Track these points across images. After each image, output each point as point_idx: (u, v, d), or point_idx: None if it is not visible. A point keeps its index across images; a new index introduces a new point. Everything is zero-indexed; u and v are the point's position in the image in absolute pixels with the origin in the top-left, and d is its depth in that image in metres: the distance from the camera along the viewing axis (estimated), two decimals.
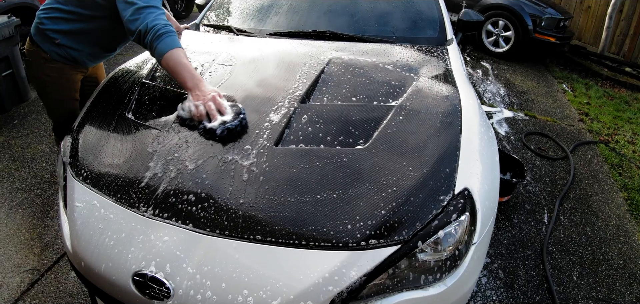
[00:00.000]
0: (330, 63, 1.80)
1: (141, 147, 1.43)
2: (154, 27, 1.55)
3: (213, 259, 1.11)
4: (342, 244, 1.07)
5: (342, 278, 1.04)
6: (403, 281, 1.10)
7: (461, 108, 1.52)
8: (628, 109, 4.79)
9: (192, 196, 1.22)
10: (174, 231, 1.17)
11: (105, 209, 1.28)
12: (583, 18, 7.12)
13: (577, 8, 7.18)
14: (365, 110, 1.49)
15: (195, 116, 1.45)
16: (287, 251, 1.09)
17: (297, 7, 2.42)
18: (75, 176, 1.41)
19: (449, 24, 2.35)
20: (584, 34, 7.12)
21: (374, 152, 1.30)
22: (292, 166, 1.27)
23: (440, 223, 1.13)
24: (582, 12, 7.10)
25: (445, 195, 1.18)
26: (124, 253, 1.17)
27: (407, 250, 1.09)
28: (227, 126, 1.40)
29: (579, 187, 2.98)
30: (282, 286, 1.04)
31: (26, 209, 2.43)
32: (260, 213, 1.15)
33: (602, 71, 5.98)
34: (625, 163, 3.44)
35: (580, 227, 2.53)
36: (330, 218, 1.12)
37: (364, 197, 1.16)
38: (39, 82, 1.90)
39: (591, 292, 2.04)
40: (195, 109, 1.45)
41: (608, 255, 2.31)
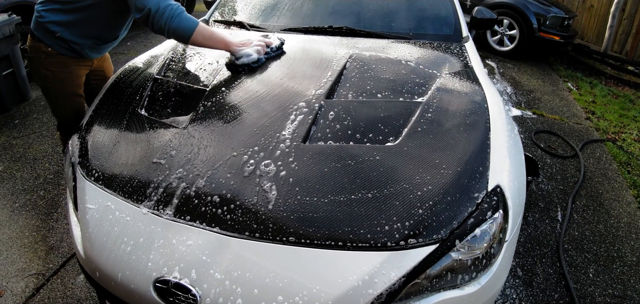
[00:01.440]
0: (352, 59, 1.81)
1: (157, 145, 1.41)
2: (167, 8, 1.58)
3: (243, 264, 1.06)
4: (381, 244, 1.06)
5: (382, 280, 1.02)
6: (441, 281, 1.09)
7: (487, 105, 1.54)
8: (633, 108, 4.87)
9: (216, 197, 1.19)
10: (199, 235, 1.13)
11: (121, 211, 1.24)
12: (585, 17, 7.22)
13: (579, 7, 7.28)
14: (392, 106, 1.50)
15: (263, 51, 1.82)
16: (323, 253, 1.06)
17: (311, 3, 2.45)
18: (86, 176, 1.38)
19: (464, 22, 2.39)
20: (586, 32, 7.23)
21: (406, 149, 1.30)
22: (323, 164, 1.25)
23: (476, 221, 1.13)
24: (585, 11, 7.20)
25: (479, 192, 1.19)
26: (143, 258, 1.12)
27: (445, 249, 1.08)
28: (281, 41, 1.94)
29: (589, 185, 3.04)
30: (320, 291, 1.01)
31: (29, 211, 2.42)
32: (293, 214, 1.12)
33: (605, 70, 6.08)
34: (633, 161, 3.51)
35: (593, 225, 2.59)
36: (367, 218, 1.10)
37: (400, 196, 1.15)
38: (42, 78, 1.88)
39: (607, 289, 2.09)
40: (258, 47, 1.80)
41: (621, 252, 2.37)
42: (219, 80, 1.72)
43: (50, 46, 1.78)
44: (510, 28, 6.07)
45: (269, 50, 1.85)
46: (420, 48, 2.03)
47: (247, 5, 2.56)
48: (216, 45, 1.75)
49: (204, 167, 1.29)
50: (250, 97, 1.58)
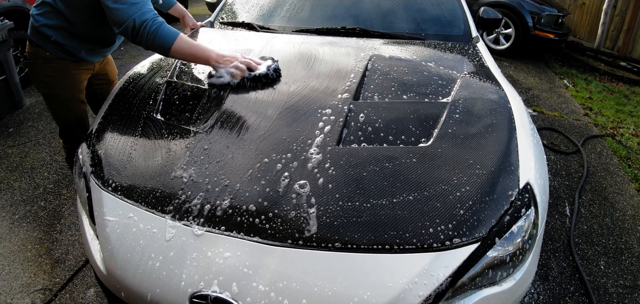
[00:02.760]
0: (372, 60, 1.84)
1: (180, 151, 1.38)
2: (142, 23, 1.56)
3: (289, 274, 1.04)
4: (427, 246, 1.07)
5: (431, 281, 1.03)
6: (482, 280, 1.12)
7: (510, 105, 1.60)
8: (628, 103, 5.03)
9: (252, 205, 1.17)
10: (237, 245, 1.10)
11: (145, 223, 1.20)
12: (578, 14, 7.43)
13: (571, 5, 7.49)
14: (420, 107, 1.53)
15: (238, 75, 1.67)
16: (370, 257, 1.06)
17: (323, 4, 2.49)
18: (102, 186, 1.33)
19: (472, 22, 2.47)
20: (579, 30, 7.44)
21: (440, 151, 1.33)
22: (360, 167, 1.26)
23: (512, 218, 1.18)
24: (577, 8, 7.41)
25: (513, 190, 1.24)
26: (175, 274, 1.09)
27: (485, 247, 1.12)
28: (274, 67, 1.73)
29: (593, 180, 3.14)
30: (371, 297, 1.00)
31: (30, 223, 2.38)
32: (336, 220, 1.12)
33: (599, 66, 6.27)
34: (632, 155, 3.63)
35: (600, 218, 2.68)
36: (411, 221, 1.12)
37: (440, 198, 1.18)
38: (42, 84, 1.87)
39: (619, 280, 2.17)
40: (235, 70, 1.67)
41: (629, 244, 2.46)
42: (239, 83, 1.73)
43: (48, 51, 1.78)
44: (505, 27, 6.22)
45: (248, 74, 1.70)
46: (434, 49, 2.09)
47: (254, 6, 2.58)
48: (196, 59, 1.70)
49: (235, 175, 1.26)
50: (274, 100, 1.58)
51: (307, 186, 1.21)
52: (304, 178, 1.24)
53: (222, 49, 1.77)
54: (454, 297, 1.09)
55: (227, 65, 1.69)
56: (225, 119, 1.50)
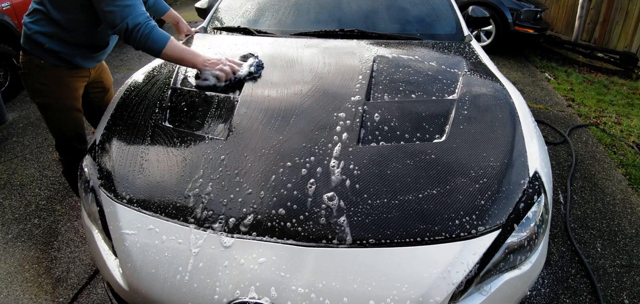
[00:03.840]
0: (377, 61, 1.91)
1: (197, 159, 1.39)
2: (136, 26, 1.64)
3: (327, 274, 1.07)
4: (455, 235, 1.14)
5: (462, 268, 1.10)
6: (504, 265, 1.20)
7: (512, 99, 1.70)
8: (608, 93, 5.26)
9: (282, 209, 1.20)
10: (271, 250, 1.12)
11: (168, 234, 1.19)
12: (554, 9, 7.73)
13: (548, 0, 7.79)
14: (430, 105, 1.62)
15: (223, 77, 1.77)
16: (404, 251, 1.11)
17: (318, 7, 2.56)
18: (115, 199, 1.32)
19: (463, 21, 2.58)
20: (556, 24, 7.73)
21: (455, 146, 1.41)
22: (383, 165, 1.32)
23: (526, 205, 1.27)
24: (554, 3, 7.71)
25: (524, 179, 1.34)
26: (208, 284, 1.09)
27: (506, 234, 1.20)
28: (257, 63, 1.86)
29: (582, 168, 3.29)
30: (408, 289, 1.05)
31: (25, 242, 2.34)
32: (367, 218, 1.17)
33: (577, 58, 6.54)
34: (616, 142, 3.81)
35: (592, 203, 2.82)
36: (437, 214, 1.19)
37: (462, 190, 1.26)
38: (37, 93, 1.86)
39: (615, 260, 2.30)
40: (221, 72, 1.77)
41: (621, 226, 2.60)
42: (248, 88, 1.76)
43: (42, 59, 1.78)
44: None
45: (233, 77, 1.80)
46: (433, 48, 2.18)
47: (248, 10, 2.62)
48: (184, 62, 1.80)
49: (258, 181, 1.28)
50: (288, 104, 1.62)
51: (335, 186, 1.26)
52: (331, 180, 1.28)
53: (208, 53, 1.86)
54: (481, 282, 1.17)
55: (213, 68, 1.78)
56: (240, 125, 1.52)
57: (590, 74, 6.05)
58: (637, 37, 6.06)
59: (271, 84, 1.77)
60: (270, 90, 1.72)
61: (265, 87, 1.75)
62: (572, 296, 2.03)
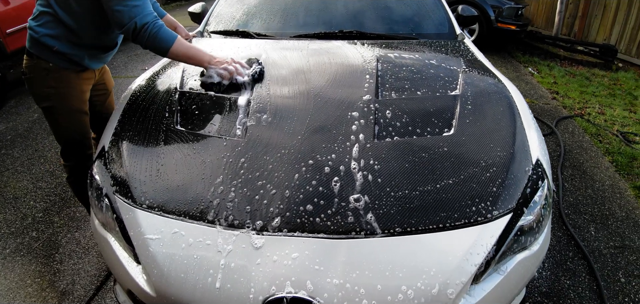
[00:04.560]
0: (381, 61, 1.98)
1: (216, 160, 1.42)
2: (144, 25, 1.70)
3: (359, 264, 1.12)
4: (473, 221, 1.23)
5: (482, 250, 1.19)
6: (517, 246, 1.29)
7: (510, 93, 1.81)
8: (590, 84, 5.46)
9: (309, 205, 1.25)
10: (304, 245, 1.16)
11: (195, 236, 1.21)
12: (534, 5, 7.99)
13: None
14: (436, 101, 1.71)
15: (227, 77, 1.83)
16: (430, 237, 1.19)
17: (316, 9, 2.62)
18: (133, 204, 1.33)
19: (455, 20, 2.70)
20: (536, 19, 7.98)
21: (464, 139, 1.51)
22: (401, 159, 1.40)
23: (532, 190, 1.37)
24: None
25: (528, 166, 1.44)
26: (242, 283, 1.12)
27: (516, 217, 1.29)
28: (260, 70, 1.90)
29: (571, 157, 3.43)
30: (437, 272, 1.13)
31: (25, 256, 2.32)
32: (392, 209, 1.24)
33: (559, 52, 6.77)
34: (601, 132, 3.98)
35: (583, 190, 2.95)
36: (456, 201, 1.28)
37: (475, 179, 1.35)
38: (44, 97, 1.87)
39: (609, 242, 2.42)
40: (225, 71, 1.83)
41: (612, 210, 2.73)
42: (260, 90, 1.80)
43: (50, 62, 1.79)
44: None
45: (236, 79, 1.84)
46: (430, 47, 2.28)
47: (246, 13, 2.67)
48: (191, 60, 1.87)
49: (283, 179, 1.32)
50: (301, 105, 1.67)
51: (359, 181, 1.33)
52: (354, 175, 1.34)
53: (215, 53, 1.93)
54: (498, 263, 1.26)
55: (218, 67, 1.85)
56: (257, 127, 1.56)
57: (572, 67, 6.26)
58: (616, 30, 6.31)
59: (282, 85, 1.82)
60: (282, 91, 1.77)
61: (277, 88, 1.80)
62: (572, 277, 2.14)
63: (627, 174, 3.21)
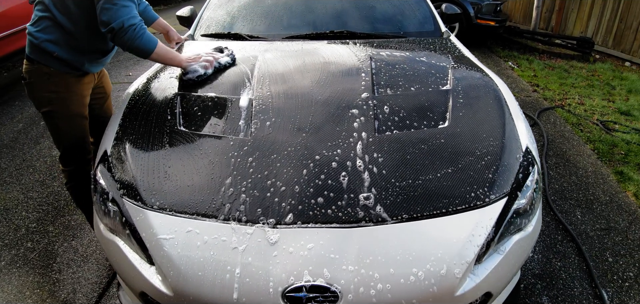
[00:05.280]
0: (374, 60, 2.07)
1: (224, 160, 1.46)
2: (130, 27, 1.75)
3: (372, 250, 1.20)
4: (474, 205, 1.33)
5: (483, 232, 1.28)
6: (513, 227, 1.39)
7: (497, 86, 1.92)
8: (569, 76, 5.67)
9: (320, 198, 1.32)
10: (318, 235, 1.23)
11: (209, 234, 1.25)
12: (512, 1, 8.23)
13: None
14: (429, 96, 1.80)
15: (209, 66, 2.03)
16: (435, 222, 1.28)
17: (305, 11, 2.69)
18: (144, 206, 1.35)
19: (439, 19, 2.81)
20: (514, 14, 8.23)
21: (459, 130, 1.61)
22: (402, 151, 1.49)
23: (524, 175, 1.48)
24: None
25: (519, 154, 1.56)
26: (261, 276, 1.16)
27: (511, 201, 1.39)
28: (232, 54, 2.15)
29: (554, 146, 3.58)
30: (444, 254, 1.21)
31: (21, 268, 2.29)
32: (398, 197, 1.32)
33: (537, 46, 7.00)
34: (582, 121, 4.15)
35: (567, 177, 3.09)
36: (456, 188, 1.37)
37: (472, 167, 1.45)
38: (45, 102, 1.89)
39: (595, 225, 2.55)
40: (205, 63, 2.03)
41: (596, 195, 2.87)
42: (258, 88, 1.85)
43: (51, 66, 1.82)
44: None
45: (217, 64, 2.07)
46: (419, 45, 2.38)
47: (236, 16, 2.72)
48: (170, 62, 1.99)
49: (292, 175, 1.39)
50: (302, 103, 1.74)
51: (365, 173, 1.40)
52: (360, 168, 1.42)
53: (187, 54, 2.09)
54: (497, 244, 1.35)
55: (198, 62, 2.02)
56: (261, 126, 1.62)
57: (551, 60, 6.48)
58: (592, 23, 6.57)
59: (282, 85, 1.88)
60: (282, 91, 1.83)
61: (277, 88, 1.85)
62: (562, 259, 2.26)
63: (608, 160, 3.37)
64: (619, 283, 2.12)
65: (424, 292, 1.17)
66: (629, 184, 3.00)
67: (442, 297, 1.19)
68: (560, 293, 2.04)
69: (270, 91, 1.84)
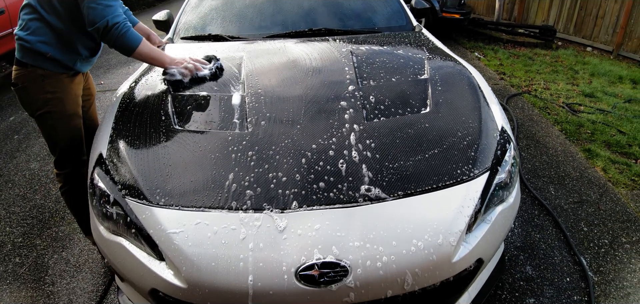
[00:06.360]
0: (354, 54, 2.19)
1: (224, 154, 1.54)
2: (115, 25, 1.82)
3: (374, 226, 1.31)
4: (460, 180, 1.47)
5: (471, 204, 1.42)
6: (496, 199, 1.53)
7: (471, 73, 2.09)
8: (533, 64, 5.98)
9: (321, 183, 1.42)
10: (324, 216, 1.32)
11: (218, 224, 1.31)
12: None
13: None
14: (410, 85, 1.94)
15: (187, 74, 2.04)
16: (429, 196, 1.41)
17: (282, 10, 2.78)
18: (149, 203, 1.40)
19: (411, 14, 2.99)
20: (477, 7, 8.55)
21: (441, 115, 1.76)
22: (391, 136, 1.62)
23: (502, 151, 1.64)
24: None
25: (496, 133, 1.71)
26: (274, 259, 1.24)
27: (493, 175, 1.54)
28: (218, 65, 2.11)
29: (524, 130, 3.80)
30: (439, 224, 1.34)
31: (11, 283, 2.26)
32: (393, 177, 1.44)
33: (501, 36, 7.32)
34: (549, 105, 4.41)
35: (538, 157, 3.30)
36: (443, 166, 1.51)
37: (455, 147, 1.59)
38: (41, 104, 1.91)
39: (568, 199, 2.75)
40: (186, 70, 2.05)
41: (567, 171, 3.08)
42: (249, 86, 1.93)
43: (45, 68, 1.86)
44: None
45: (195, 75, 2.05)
46: (393, 39, 2.53)
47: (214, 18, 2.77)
48: (153, 61, 2.04)
49: (291, 164, 1.48)
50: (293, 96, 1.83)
51: (361, 157, 1.52)
52: (355, 153, 1.54)
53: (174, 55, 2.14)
54: (484, 214, 1.49)
55: (179, 66, 2.05)
56: (257, 120, 1.70)
57: (515, 49, 6.80)
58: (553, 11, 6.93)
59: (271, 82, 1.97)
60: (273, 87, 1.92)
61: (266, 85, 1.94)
62: (541, 231, 2.44)
63: (575, 139, 3.61)
64: (596, 250, 2.31)
65: (425, 260, 1.29)
66: (597, 160, 3.24)
67: (441, 264, 1.31)
68: (542, 262, 2.21)
69: (261, 87, 1.92)
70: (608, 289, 2.06)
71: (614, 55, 6.35)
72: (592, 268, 2.18)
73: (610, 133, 3.71)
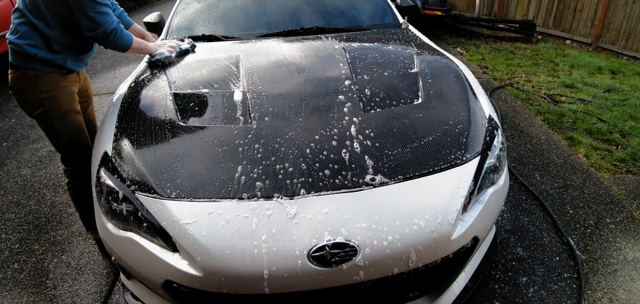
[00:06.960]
0: (348, 51, 2.30)
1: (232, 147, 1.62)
2: (112, 31, 2.01)
3: (379, 208, 1.41)
4: (454, 164, 1.59)
5: (465, 186, 1.54)
6: (487, 182, 1.66)
7: (457, 66, 2.22)
8: (515, 57, 6.16)
9: (327, 170, 1.52)
10: (331, 201, 1.42)
11: (231, 213, 1.38)
12: None
13: None
14: (402, 78, 2.06)
15: (172, 50, 2.39)
16: (427, 179, 1.53)
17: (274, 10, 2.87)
18: (160, 197, 1.45)
19: (397, 11, 3.12)
20: (458, 4, 8.74)
21: (433, 105, 1.88)
22: (388, 125, 1.73)
23: (491, 138, 1.76)
24: None
25: (484, 120, 1.84)
26: (285, 243, 1.32)
27: (484, 159, 1.67)
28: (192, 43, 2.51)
29: (508, 120, 3.95)
30: (437, 204, 1.45)
31: (12, 289, 2.26)
32: (393, 163, 1.56)
33: (482, 32, 7.51)
34: (531, 96, 4.57)
35: (523, 146, 3.44)
36: (438, 151, 1.63)
37: (448, 134, 1.72)
38: (37, 104, 1.97)
39: (554, 184, 2.89)
40: (168, 49, 2.38)
41: (551, 158, 3.23)
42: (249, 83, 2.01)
43: (36, 69, 1.92)
44: None
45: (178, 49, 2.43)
46: (382, 35, 2.65)
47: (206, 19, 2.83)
48: (142, 52, 2.29)
49: (296, 154, 1.58)
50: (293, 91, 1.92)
51: (362, 145, 1.63)
52: (355, 141, 1.65)
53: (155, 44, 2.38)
54: (477, 195, 1.61)
55: (164, 47, 2.36)
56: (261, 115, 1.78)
57: (496, 43, 6.99)
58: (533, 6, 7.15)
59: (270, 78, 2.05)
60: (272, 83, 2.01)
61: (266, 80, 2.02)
62: (529, 215, 2.57)
63: (558, 128, 3.77)
64: (582, 231, 2.45)
65: (427, 238, 1.39)
66: (580, 147, 3.40)
67: (441, 242, 1.42)
68: (531, 243, 2.33)
69: (261, 84, 2.00)
70: (596, 266, 2.19)
71: (593, 47, 6.58)
72: (580, 247, 2.32)
73: (591, 121, 3.88)
